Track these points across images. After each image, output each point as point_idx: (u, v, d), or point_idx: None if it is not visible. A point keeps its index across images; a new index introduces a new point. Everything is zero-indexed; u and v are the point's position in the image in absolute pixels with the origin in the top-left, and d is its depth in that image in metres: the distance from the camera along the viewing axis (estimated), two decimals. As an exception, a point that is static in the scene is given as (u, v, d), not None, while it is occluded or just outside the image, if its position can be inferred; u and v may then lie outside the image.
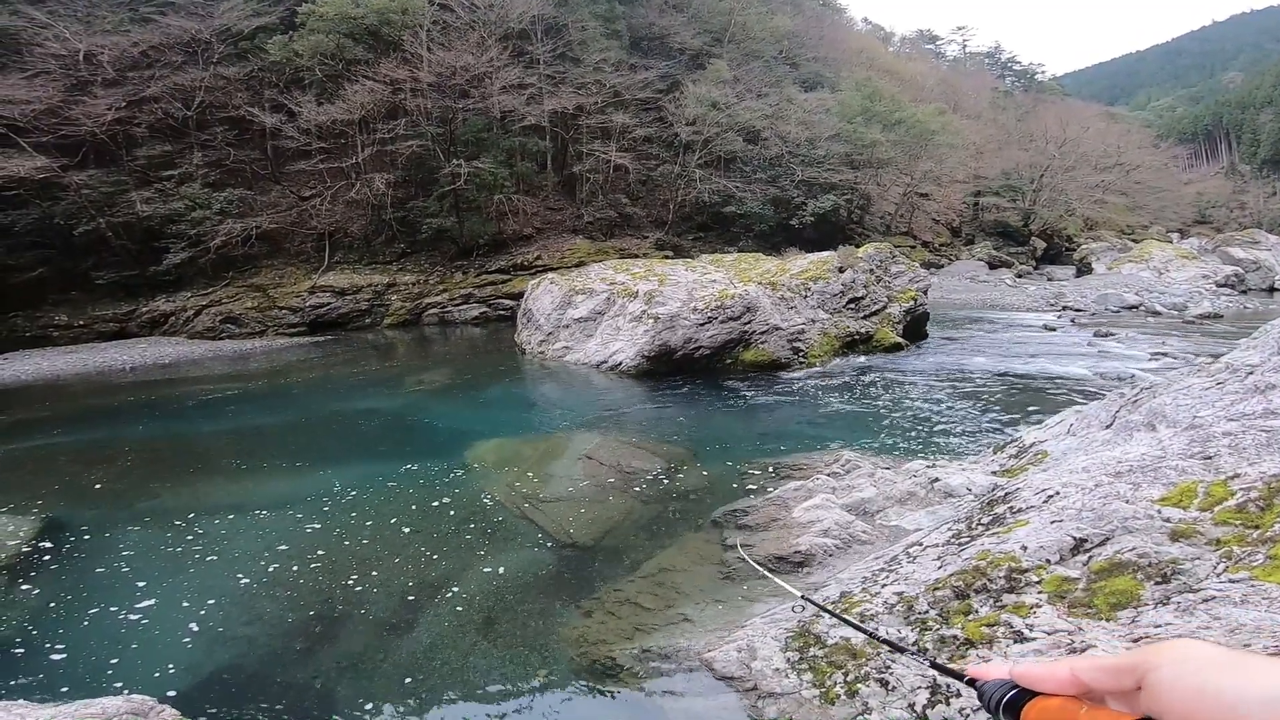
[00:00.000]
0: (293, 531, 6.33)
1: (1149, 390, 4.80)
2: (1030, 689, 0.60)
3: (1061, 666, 0.58)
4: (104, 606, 5.10)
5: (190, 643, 4.61)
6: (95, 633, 4.77)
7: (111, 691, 2.93)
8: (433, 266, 25.64)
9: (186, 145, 23.79)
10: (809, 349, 13.14)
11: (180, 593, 5.28)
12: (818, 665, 3.23)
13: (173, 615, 4.94)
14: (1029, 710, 0.59)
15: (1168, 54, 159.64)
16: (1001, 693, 0.62)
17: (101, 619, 4.95)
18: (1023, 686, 0.61)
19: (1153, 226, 53.20)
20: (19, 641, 4.69)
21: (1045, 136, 42.84)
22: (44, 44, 21.52)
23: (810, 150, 30.93)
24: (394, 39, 24.94)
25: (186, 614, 4.94)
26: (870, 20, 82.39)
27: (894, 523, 5.07)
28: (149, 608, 5.07)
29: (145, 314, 22.08)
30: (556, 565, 5.48)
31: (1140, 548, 2.83)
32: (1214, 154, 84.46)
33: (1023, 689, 0.61)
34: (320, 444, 10.10)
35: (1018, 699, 0.61)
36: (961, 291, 27.42)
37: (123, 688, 4.04)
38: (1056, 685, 0.58)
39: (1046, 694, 0.59)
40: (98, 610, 5.06)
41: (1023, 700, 0.60)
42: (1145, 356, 13.38)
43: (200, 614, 4.94)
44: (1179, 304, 21.84)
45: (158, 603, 5.14)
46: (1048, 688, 0.59)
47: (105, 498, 7.77)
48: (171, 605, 5.08)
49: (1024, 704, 0.60)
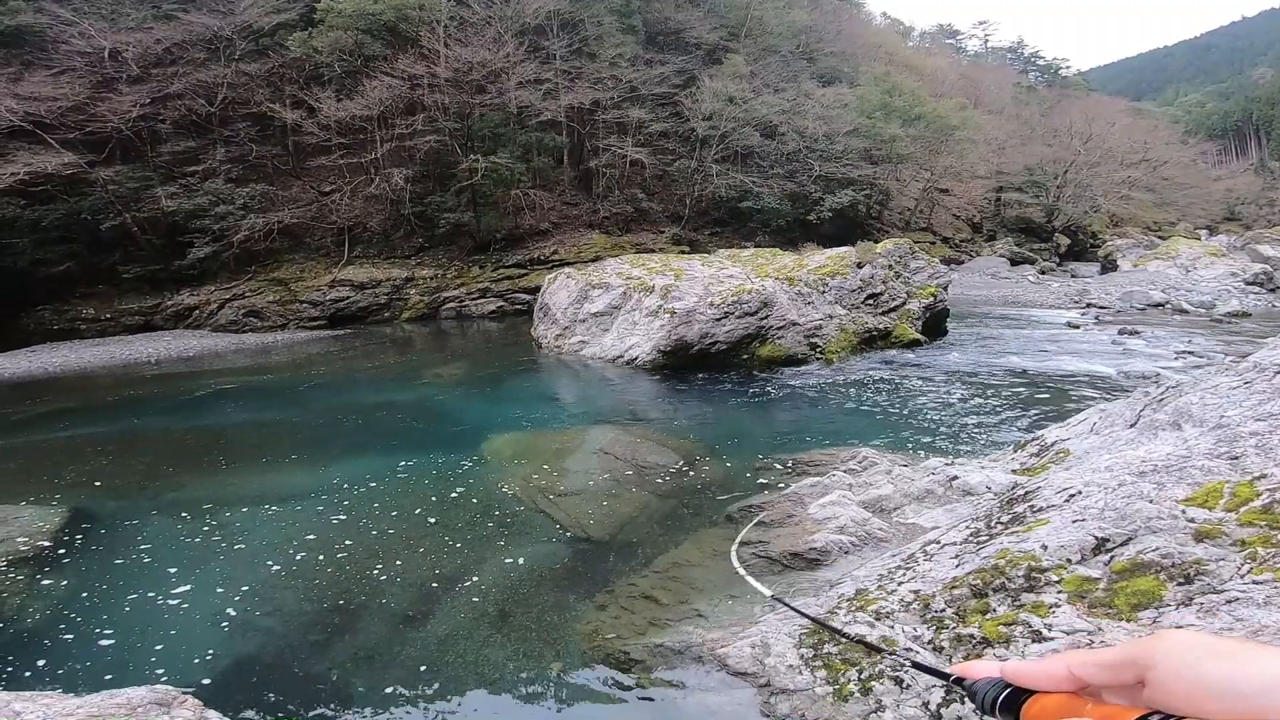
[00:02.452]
0: (318, 522, 6.43)
1: (1175, 389, 4.71)
2: (1025, 688, 0.58)
3: (1057, 663, 0.57)
4: (137, 595, 5.20)
5: (225, 630, 4.69)
6: (124, 622, 4.86)
7: (144, 680, 2.99)
8: (450, 261, 25.82)
9: (210, 141, 24.15)
10: (826, 345, 13.05)
11: (211, 582, 5.37)
12: (831, 662, 3.21)
13: (205, 604, 5.03)
14: (1030, 707, 0.57)
15: (1196, 49, 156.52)
16: (996, 691, 0.60)
17: (131, 608, 5.04)
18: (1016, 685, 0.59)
19: (1180, 223, 52.15)
20: (46, 631, 4.79)
21: (1070, 132, 42.03)
22: (70, 41, 21.95)
23: (828, 145, 30.65)
24: (411, 35, 25.09)
25: (220, 602, 5.03)
26: (889, 15, 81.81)
27: (911, 520, 5.02)
28: (184, 593, 5.18)
29: (170, 307, 22.49)
30: (572, 559, 5.50)
31: (1164, 548, 2.78)
32: (1243, 150, 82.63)
33: (1017, 687, 0.59)
34: (341, 436, 10.22)
35: (1014, 696, 0.59)
36: (982, 288, 27.04)
37: (164, 675, 4.13)
38: (1053, 683, 0.56)
39: (1044, 691, 0.57)
40: (128, 599, 5.16)
41: (1019, 698, 0.58)
42: (1171, 355, 13.11)
43: (235, 599, 5.04)
44: (1206, 302, 21.37)
45: (192, 589, 5.24)
46: (1044, 686, 0.57)
47: (132, 488, 7.92)
48: (204, 594, 5.17)
49: (1022, 701, 0.58)
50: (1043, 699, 0.56)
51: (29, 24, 22.00)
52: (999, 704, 0.59)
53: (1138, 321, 17.75)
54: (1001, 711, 0.59)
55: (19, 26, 21.91)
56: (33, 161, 19.82)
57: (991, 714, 0.60)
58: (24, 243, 20.18)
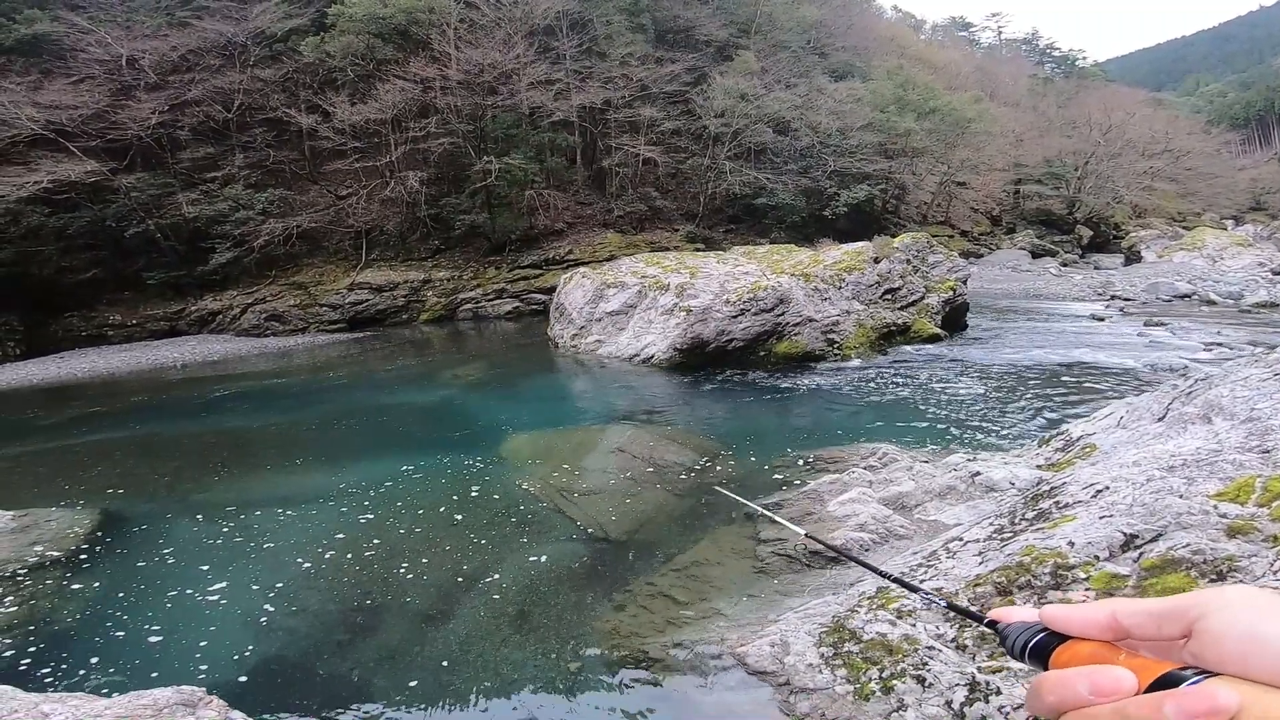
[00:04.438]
0: (345, 521, 6.53)
1: (1204, 381, 4.61)
2: (1061, 633, 0.55)
3: (1101, 608, 0.54)
4: (172, 594, 5.29)
5: (259, 629, 4.76)
6: (156, 622, 4.93)
7: (174, 680, 3.03)
8: (466, 262, 25.96)
9: (228, 147, 24.47)
10: (844, 341, 12.94)
11: (245, 581, 5.47)
12: (852, 661, 3.18)
13: (240, 603, 5.11)
14: (1060, 654, 0.54)
15: (1215, 39, 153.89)
16: (1028, 635, 0.57)
17: (164, 609, 5.12)
18: (1052, 630, 0.56)
19: (1205, 214, 51.07)
20: (77, 633, 4.87)
21: (1089, 123, 41.29)
22: (87, 49, 22.32)
23: (842, 140, 30.38)
24: (422, 38, 25.23)
25: (254, 601, 5.11)
26: (900, 8, 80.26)
27: (933, 517, 4.96)
28: (221, 589, 5.28)
29: (194, 312, 22.85)
30: (590, 558, 5.51)
31: (1195, 544, 2.71)
32: (1267, 140, 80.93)
33: (1052, 632, 0.56)
34: (362, 437, 10.32)
35: (1046, 642, 0.56)
36: (1003, 281, 26.69)
37: (203, 673, 4.21)
38: (1093, 629, 0.53)
39: (1078, 638, 0.54)
40: (163, 599, 5.24)
41: (1051, 644, 0.55)
42: (1199, 347, 12.84)
43: (270, 597, 5.14)
44: (1234, 292, 20.92)
45: (227, 586, 5.34)
46: (1082, 632, 0.54)
47: (161, 490, 8.05)
48: (239, 593, 5.26)
49: (1053, 648, 0.55)
50: (1075, 646, 0.54)
51: (46, 32, 22.39)
52: (1030, 648, 0.57)
53: (1164, 313, 17.41)
54: (1031, 657, 0.57)
55: (36, 35, 22.32)
56: (56, 170, 20.20)
57: (1021, 659, 0.58)
58: (50, 250, 20.59)
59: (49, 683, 4.20)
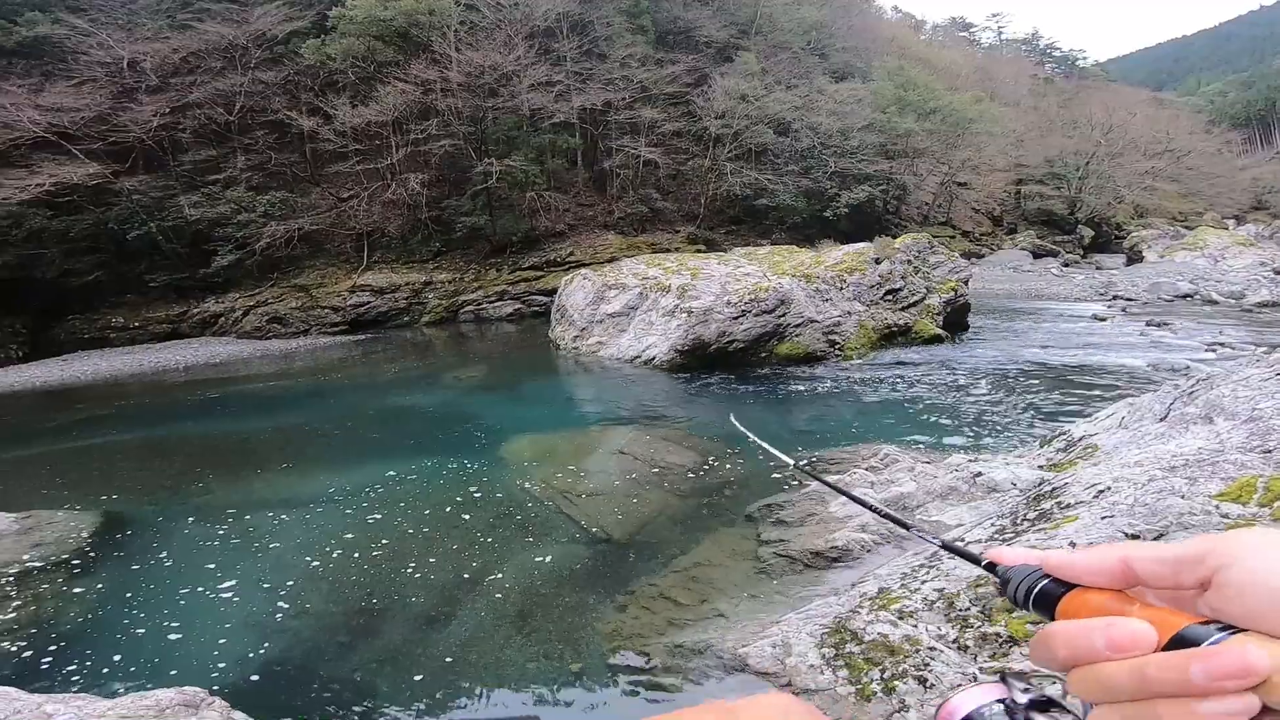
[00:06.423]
0: (351, 522, 6.54)
1: (1205, 381, 4.60)
2: (1067, 581, 0.50)
3: (1111, 554, 0.49)
4: (175, 595, 5.30)
5: (268, 629, 4.77)
6: (160, 623, 4.94)
7: (179, 681, 3.04)
8: (468, 264, 25.99)
9: (230, 150, 24.52)
10: (845, 342, 12.94)
11: (253, 580, 5.48)
12: (854, 661, 3.18)
13: (249, 603, 5.13)
14: (1068, 601, 0.49)
15: (1216, 39, 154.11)
16: (1032, 581, 0.52)
17: (169, 609, 5.13)
18: (1056, 577, 0.51)
19: (1207, 213, 50.96)
20: (81, 634, 4.88)
21: (1090, 123, 41.30)
22: (89, 52, 22.36)
23: (843, 141, 30.39)
24: (422, 40, 25.28)
25: (263, 601, 5.13)
26: (900, 9, 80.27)
27: (935, 518, 4.96)
28: (226, 591, 5.29)
29: (197, 315, 22.89)
30: (592, 559, 5.51)
31: (1196, 544, 2.71)
32: (1268, 140, 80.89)
33: (1056, 579, 0.51)
34: (365, 439, 10.33)
35: (1051, 590, 0.51)
36: (1005, 281, 26.66)
37: (210, 675, 4.21)
38: (1101, 577, 0.48)
39: (1086, 587, 0.49)
40: (165, 601, 5.25)
41: (1057, 592, 0.50)
42: (1201, 346, 12.83)
43: (280, 597, 5.15)
44: (1236, 292, 20.88)
45: (233, 586, 5.35)
46: (1090, 580, 0.49)
47: (164, 492, 8.06)
48: (247, 594, 5.27)
49: (1058, 596, 0.50)
50: (1084, 594, 0.49)
51: (47, 35, 22.44)
52: (1033, 596, 0.52)
53: (1166, 313, 17.39)
54: (1035, 605, 0.52)
55: (38, 37, 22.38)
56: (58, 172, 20.25)
57: (1024, 607, 0.53)
58: (53, 253, 20.65)
59: (52, 684, 4.21)
